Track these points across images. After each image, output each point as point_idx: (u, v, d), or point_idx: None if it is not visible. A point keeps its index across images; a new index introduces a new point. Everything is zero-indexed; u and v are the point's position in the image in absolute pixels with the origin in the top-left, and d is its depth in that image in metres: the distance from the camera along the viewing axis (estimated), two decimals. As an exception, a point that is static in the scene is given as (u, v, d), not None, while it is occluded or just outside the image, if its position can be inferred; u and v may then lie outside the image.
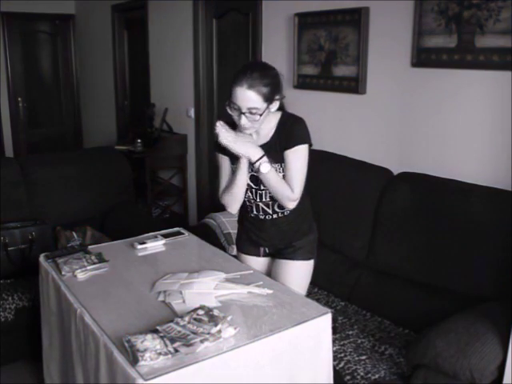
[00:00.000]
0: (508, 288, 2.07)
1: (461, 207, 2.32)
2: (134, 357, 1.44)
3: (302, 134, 1.99)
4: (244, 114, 1.88)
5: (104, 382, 1.57)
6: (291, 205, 2.01)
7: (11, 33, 6.52)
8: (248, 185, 2.05)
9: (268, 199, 2.06)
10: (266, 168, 1.91)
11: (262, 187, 2.03)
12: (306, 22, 3.29)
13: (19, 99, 6.71)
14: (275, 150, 1.99)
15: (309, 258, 2.19)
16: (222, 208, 2.14)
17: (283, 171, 2.00)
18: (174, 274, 2.02)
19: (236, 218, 2.32)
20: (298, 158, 1.98)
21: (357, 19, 2.95)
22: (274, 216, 2.11)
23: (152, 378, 1.39)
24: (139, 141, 4.85)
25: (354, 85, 3.04)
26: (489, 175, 2.44)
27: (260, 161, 1.91)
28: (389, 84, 2.89)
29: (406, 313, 2.40)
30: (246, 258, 2.26)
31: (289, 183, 1.98)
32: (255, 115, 1.88)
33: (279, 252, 2.20)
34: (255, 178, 2.03)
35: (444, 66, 2.58)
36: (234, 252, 2.87)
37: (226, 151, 2.01)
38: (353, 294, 2.64)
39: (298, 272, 2.17)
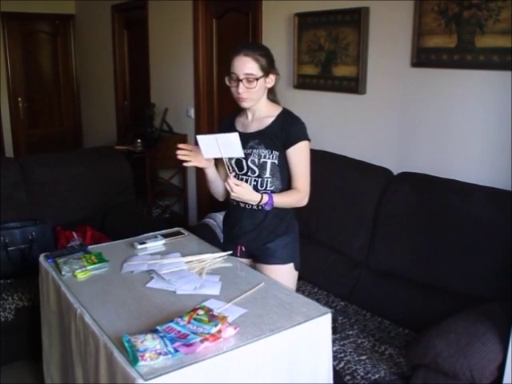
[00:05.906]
0: (508, 288, 2.07)
1: (461, 207, 2.32)
2: (133, 357, 1.44)
3: (302, 131, 2.07)
4: (241, 81, 1.98)
5: (104, 382, 1.57)
6: (305, 202, 2.08)
7: (11, 33, 6.52)
8: (234, 170, 2.08)
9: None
10: (269, 207, 2.00)
11: (249, 173, 2.07)
12: (306, 21, 3.29)
13: (19, 99, 6.71)
14: (271, 138, 2.04)
15: (285, 262, 2.14)
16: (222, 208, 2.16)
17: (275, 158, 2.04)
18: (136, 255, 2.20)
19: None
20: (301, 155, 2.05)
21: (357, 19, 2.95)
22: (254, 207, 2.08)
23: (152, 378, 1.39)
24: (139, 141, 4.85)
25: (354, 85, 3.04)
26: (489, 175, 2.43)
27: (261, 203, 1.99)
28: (389, 84, 2.89)
29: (406, 313, 2.40)
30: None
31: (296, 182, 2.07)
32: (252, 82, 1.98)
33: (255, 255, 2.19)
34: (240, 163, 2.07)
35: (444, 66, 2.58)
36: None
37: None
38: (353, 294, 2.64)
39: (276, 278, 2.06)
